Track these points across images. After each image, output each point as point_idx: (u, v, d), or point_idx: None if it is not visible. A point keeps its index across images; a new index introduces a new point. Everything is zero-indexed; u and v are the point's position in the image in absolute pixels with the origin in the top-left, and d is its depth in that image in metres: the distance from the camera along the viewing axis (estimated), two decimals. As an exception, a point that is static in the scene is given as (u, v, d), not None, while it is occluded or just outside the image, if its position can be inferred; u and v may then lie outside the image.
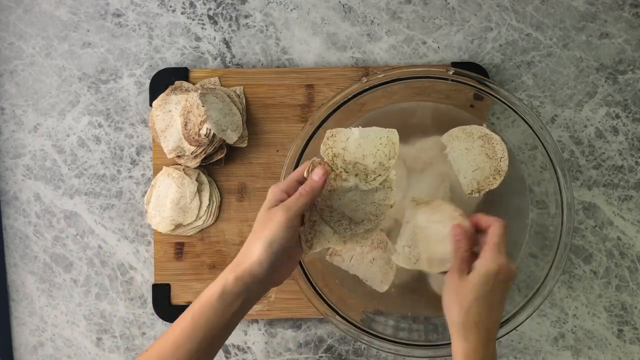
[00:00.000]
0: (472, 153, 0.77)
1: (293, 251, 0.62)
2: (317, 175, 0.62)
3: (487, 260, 0.62)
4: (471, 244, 0.65)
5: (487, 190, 0.77)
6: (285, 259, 0.61)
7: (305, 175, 0.63)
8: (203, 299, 0.60)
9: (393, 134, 0.65)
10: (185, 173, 0.82)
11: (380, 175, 0.64)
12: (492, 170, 0.77)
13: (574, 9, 0.86)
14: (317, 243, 0.64)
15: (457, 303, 0.62)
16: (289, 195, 0.61)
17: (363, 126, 0.65)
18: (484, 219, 0.66)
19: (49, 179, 0.85)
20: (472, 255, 0.65)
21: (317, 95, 0.84)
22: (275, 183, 0.63)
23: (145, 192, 0.85)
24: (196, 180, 0.82)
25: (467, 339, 0.62)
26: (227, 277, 0.59)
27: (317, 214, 0.64)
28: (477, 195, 0.77)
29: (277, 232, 0.59)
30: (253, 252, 0.59)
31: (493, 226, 0.64)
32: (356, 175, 0.63)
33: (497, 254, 0.62)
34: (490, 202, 0.79)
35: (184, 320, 0.60)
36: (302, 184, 0.62)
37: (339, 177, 0.64)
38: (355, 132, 0.65)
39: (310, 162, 0.63)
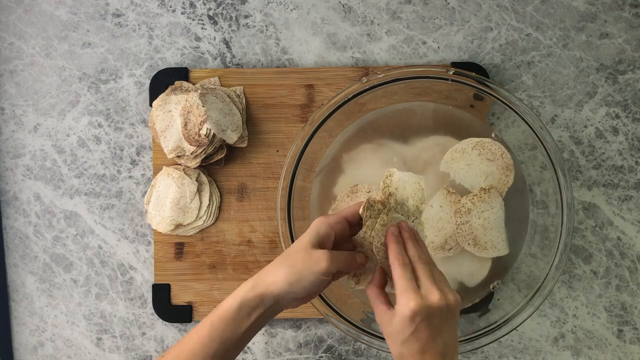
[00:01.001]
0: (475, 166, 0.77)
1: (316, 290, 0.63)
2: (360, 259, 0.63)
3: (399, 307, 0.58)
4: (383, 274, 0.63)
5: (506, 189, 0.77)
6: (307, 294, 0.62)
7: (360, 212, 0.62)
8: (221, 310, 0.61)
9: (422, 181, 0.66)
10: (185, 173, 0.82)
11: (416, 217, 0.65)
12: (501, 170, 0.77)
13: (574, 9, 0.86)
14: (364, 280, 0.64)
15: (391, 348, 0.60)
16: (334, 231, 0.61)
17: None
18: (390, 250, 0.61)
19: (49, 179, 0.85)
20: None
21: (317, 95, 0.84)
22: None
23: (145, 192, 0.85)
24: (196, 180, 0.82)
25: None
26: (246, 292, 0.60)
27: (370, 253, 0.63)
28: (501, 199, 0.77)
29: (311, 275, 0.59)
30: (279, 277, 0.59)
31: (392, 267, 0.60)
32: (402, 215, 0.64)
33: (406, 298, 0.57)
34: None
35: (203, 328, 0.61)
36: (349, 221, 0.63)
37: (389, 216, 0.63)
38: (399, 174, 0.65)
39: (367, 201, 0.62)
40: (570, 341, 0.85)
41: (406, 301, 0.57)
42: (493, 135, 0.79)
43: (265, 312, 0.61)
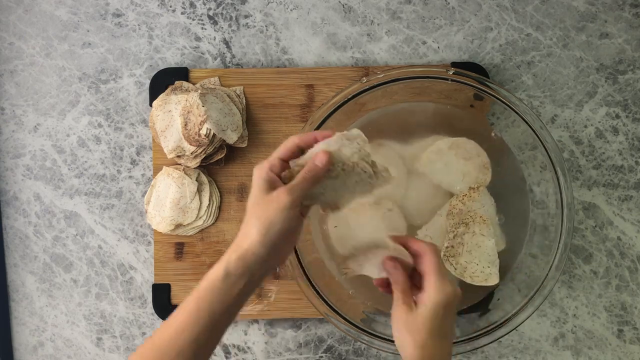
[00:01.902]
0: (452, 165, 0.78)
1: (292, 233, 0.61)
2: (320, 161, 0.60)
3: (434, 292, 0.59)
4: (407, 273, 0.63)
5: (484, 187, 0.77)
6: (285, 240, 0.60)
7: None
8: (207, 281, 0.59)
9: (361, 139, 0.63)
10: (185, 173, 0.82)
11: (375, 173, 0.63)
12: (477, 169, 0.77)
13: (574, 9, 0.86)
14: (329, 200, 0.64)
15: (410, 339, 0.60)
16: (276, 174, 0.61)
17: (363, 125, 0.65)
18: (415, 244, 0.63)
19: (49, 179, 0.85)
20: (412, 283, 0.63)
21: (317, 95, 0.84)
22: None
23: (145, 192, 0.85)
24: (196, 180, 0.82)
25: None
26: (229, 259, 0.59)
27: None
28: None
29: (279, 214, 0.58)
30: (252, 233, 0.58)
31: (428, 254, 0.61)
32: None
33: (442, 283, 0.60)
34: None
35: (188, 303, 0.59)
36: (286, 162, 0.62)
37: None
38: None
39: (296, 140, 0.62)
40: (570, 341, 0.85)
41: (442, 287, 0.59)
42: (493, 135, 0.79)
43: (252, 276, 0.59)
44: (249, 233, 0.59)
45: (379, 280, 0.66)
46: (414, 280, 0.63)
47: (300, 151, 0.62)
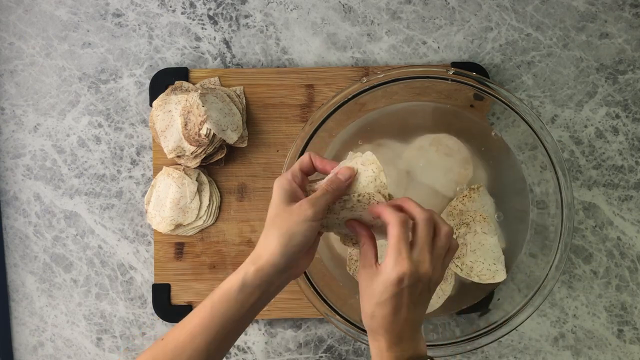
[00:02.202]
0: (434, 162, 0.78)
1: (311, 247, 0.62)
2: (343, 175, 0.61)
3: (387, 267, 0.57)
4: (373, 241, 0.61)
5: (467, 181, 0.77)
6: (304, 253, 0.61)
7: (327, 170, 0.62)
8: (222, 289, 0.59)
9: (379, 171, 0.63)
10: (185, 173, 0.82)
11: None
12: (460, 164, 0.78)
13: (574, 9, 0.86)
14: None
15: (365, 303, 0.59)
16: (297, 184, 0.61)
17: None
18: (384, 213, 0.59)
19: (49, 179, 0.85)
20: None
21: (317, 95, 0.84)
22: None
23: (145, 192, 0.85)
24: (196, 180, 0.82)
25: (377, 339, 0.59)
26: (247, 269, 0.59)
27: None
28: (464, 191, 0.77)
29: (301, 225, 0.58)
30: (273, 244, 0.58)
31: (390, 226, 0.58)
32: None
33: (396, 260, 0.57)
34: (490, 202, 0.79)
35: (203, 309, 0.59)
36: (307, 175, 0.62)
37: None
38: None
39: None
40: (570, 341, 0.85)
41: (395, 264, 0.57)
42: (493, 134, 0.79)
43: (269, 288, 0.59)
44: (269, 244, 0.59)
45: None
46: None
47: (314, 170, 0.63)
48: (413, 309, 0.58)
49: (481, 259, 0.75)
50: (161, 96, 0.82)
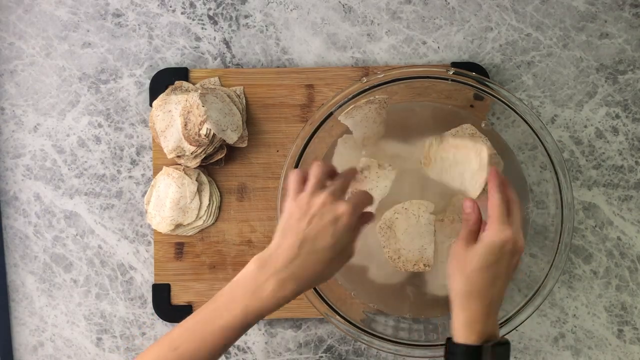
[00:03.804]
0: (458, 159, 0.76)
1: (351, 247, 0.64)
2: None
3: (492, 232, 0.62)
4: (480, 218, 0.66)
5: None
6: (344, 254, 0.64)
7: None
8: (223, 320, 0.58)
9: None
10: (186, 173, 0.82)
11: None
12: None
13: (574, 9, 0.86)
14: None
15: (460, 271, 0.62)
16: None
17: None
18: (489, 193, 0.66)
19: (49, 179, 0.85)
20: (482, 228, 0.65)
21: (317, 95, 0.84)
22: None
23: (145, 192, 0.85)
24: (196, 180, 0.82)
25: (469, 307, 0.61)
26: (247, 309, 0.59)
27: None
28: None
29: (344, 232, 0.61)
30: (318, 265, 0.61)
31: (490, 198, 0.64)
32: None
33: (502, 226, 0.62)
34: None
35: (191, 341, 0.59)
36: (331, 178, 0.66)
37: None
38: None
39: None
40: (570, 341, 0.85)
41: (501, 230, 0.62)
42: (483, 125, 0.79)
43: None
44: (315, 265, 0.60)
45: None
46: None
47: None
48: (506, 281, 0.62)
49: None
50: (161, 96, 0.82)
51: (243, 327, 0.59)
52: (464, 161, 0.74)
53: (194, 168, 0.82)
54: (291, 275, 0.59)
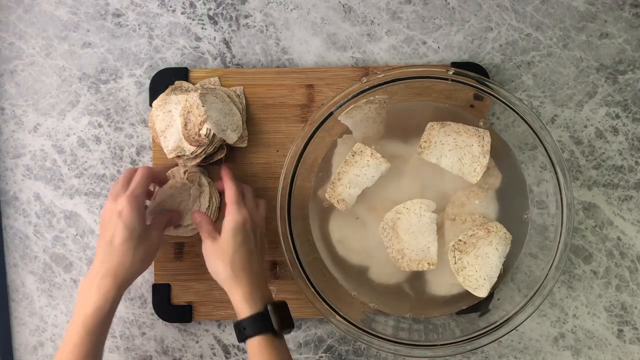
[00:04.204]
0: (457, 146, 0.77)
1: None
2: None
3: (230, 217, 0.71)
4: (209, 219, 0.76)
5: (493, 190, 0.77)
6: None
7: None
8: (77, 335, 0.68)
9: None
10: (188, 179, 0.81)
11: None
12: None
13: (574, 9, 0.86)
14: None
15: (220, 260, 0.71)
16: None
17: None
18: (221, 185, 0.77)
19: (49, 179, 0.85)
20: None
21: (317, 95, 0.84)
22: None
23: (145, 192, 0.85)
24: (198, 185, 0.82)
25: (240, 284, 0.70)
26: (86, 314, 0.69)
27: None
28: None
29: (132, 221, 0.71)
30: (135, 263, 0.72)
31: (227, 188, 0.74)
32: None
33: (237, 208, 0.72)
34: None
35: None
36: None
37: None
38: None
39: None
40: (570, 341, 0.85)
41: (238, 211, 0.72)
42: (481, 123, 0.79)
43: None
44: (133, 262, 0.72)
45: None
46: None
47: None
48: (259, 253, 0.73)
49: (477, 267, 0.75)
50: (161, 96, 0.82)
51: (89, 334, 0.67)
52: (465, 146, 0.75)
53: (194, 172, 0.82)
54: (106, 272, 0.69)
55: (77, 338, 0.67)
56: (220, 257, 0.71)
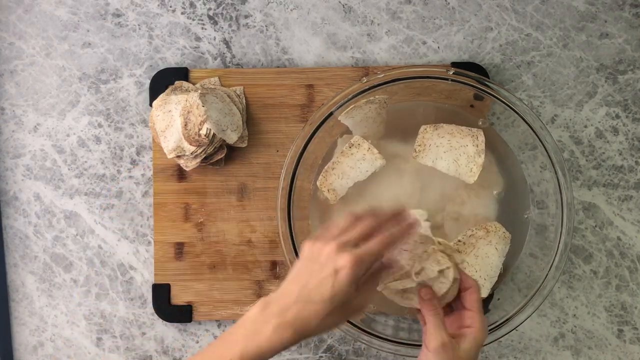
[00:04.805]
0: (452, 147, 0.77)
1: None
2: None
3: (480, 331, 0.62)
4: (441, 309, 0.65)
5: (497, 192, 0.77)
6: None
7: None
8: None
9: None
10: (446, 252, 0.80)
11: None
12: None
13: (574, 9, 0.86)
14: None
15: None
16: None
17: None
18: (464, 278, 0.66)
19: (49, 179, 0.85)
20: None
21: (317, 95, 0.84)
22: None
23: (145, 192, 0.85)
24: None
25: None
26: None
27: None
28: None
29: (344, 285, 0.57)
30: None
31: (472, 290, 0.65)
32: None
33: (484, 322, 0.63)
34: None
35: None
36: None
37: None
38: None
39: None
40: (570, 341, 0.85)
41: (485, 326, 0.63)
42: (480, 122, 0.79)
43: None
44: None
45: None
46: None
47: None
48: None
49: (477, 267, 0.75)
50: (161, 96, 0.82)
51: None
52: (459, 147, 0.75)
53: (195, 169, 0.82)
54: (288, 322, 0.57)
55: None
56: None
